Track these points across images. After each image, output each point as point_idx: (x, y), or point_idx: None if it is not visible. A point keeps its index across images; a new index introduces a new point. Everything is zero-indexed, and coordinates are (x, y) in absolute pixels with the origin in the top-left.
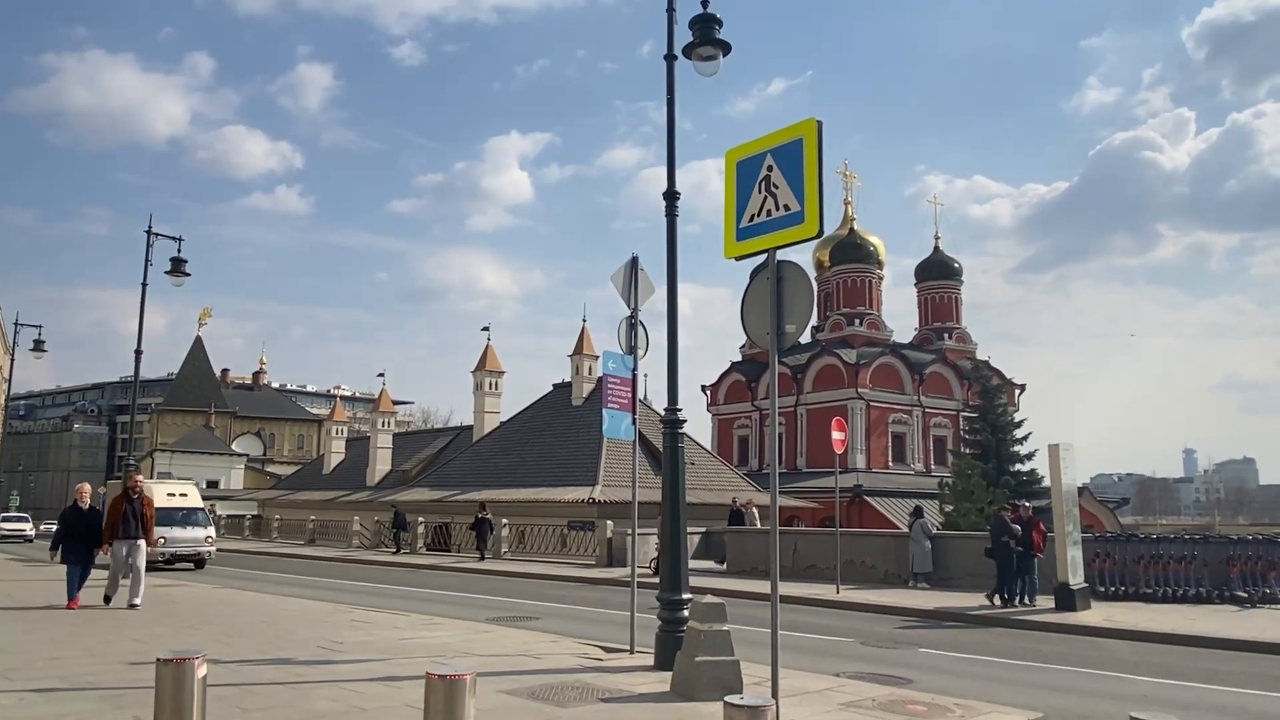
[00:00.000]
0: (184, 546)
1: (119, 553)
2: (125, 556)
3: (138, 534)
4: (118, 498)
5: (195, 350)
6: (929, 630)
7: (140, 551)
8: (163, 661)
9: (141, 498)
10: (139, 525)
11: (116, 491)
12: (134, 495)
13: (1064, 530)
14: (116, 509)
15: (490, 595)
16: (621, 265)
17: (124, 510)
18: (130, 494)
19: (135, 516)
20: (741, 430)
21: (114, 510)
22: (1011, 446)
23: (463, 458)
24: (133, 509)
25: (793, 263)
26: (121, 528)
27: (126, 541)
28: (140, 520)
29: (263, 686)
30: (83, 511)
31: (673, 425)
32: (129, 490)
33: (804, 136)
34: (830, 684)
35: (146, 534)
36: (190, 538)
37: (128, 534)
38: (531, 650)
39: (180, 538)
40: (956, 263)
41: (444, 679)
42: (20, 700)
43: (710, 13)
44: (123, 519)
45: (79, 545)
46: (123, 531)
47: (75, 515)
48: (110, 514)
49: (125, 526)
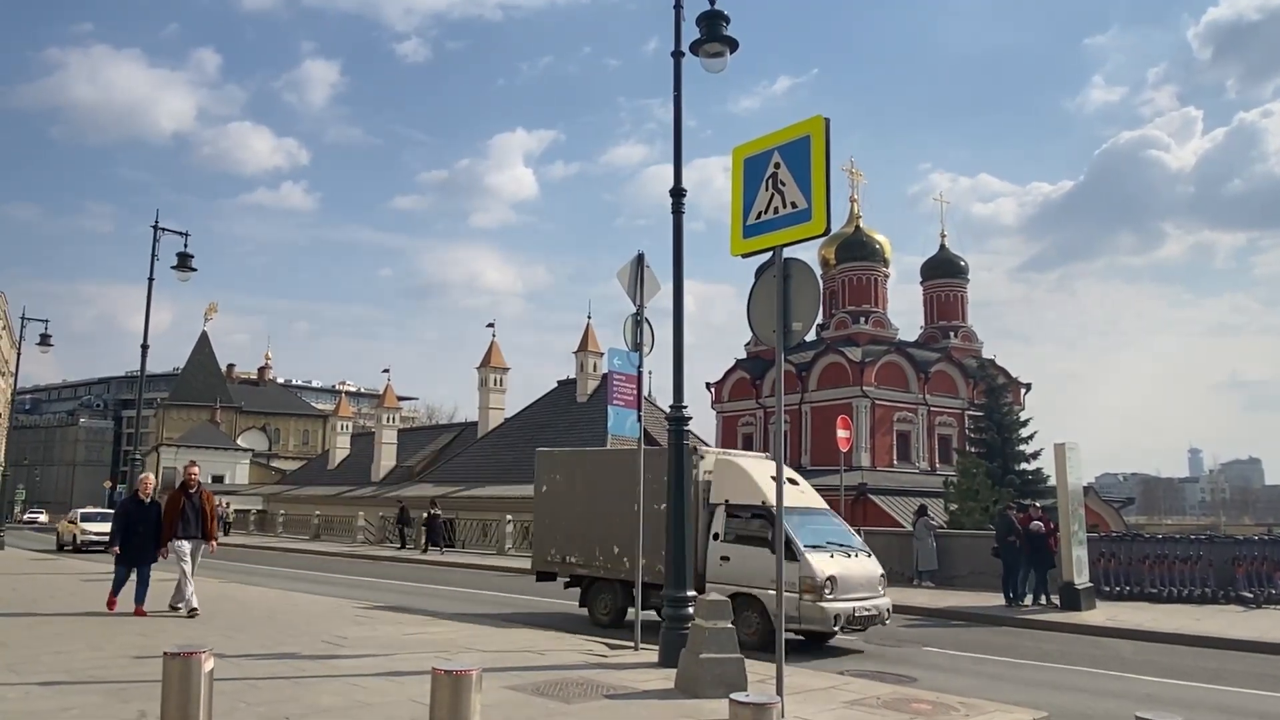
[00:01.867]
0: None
1: (180, 553)
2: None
3: (198, 532)
4: (175, 492)
5: (201, 345)
6: (933, 629)
7: (199, 551)
8: (169, 656)
9: (201, 492)
10: (200, 523)
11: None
12: (192, 489)
13: (1069, 530)
14: (175, 505)
15: (495, 591)
16: (628, 262)
17: (183, 506)
18: (188, 488)
19: (196, 514)
20: (746, 428)
21: (172, 506)
22: (1017, 445)
23: (467, 454)
24: (192, 504)
25: (799, 260)
26: (181, 526)
27: (189, 541)
28: (200, 517)
29: (266, 681)
30: (144, 505)
31: (678, 423)
32: (186, 483)
33: (811, 134)
34: (834, 682)
35: (208, 532)
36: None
37: (188, 533)
38: (535, 646)
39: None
40: (963, 261)
41: (450, 674)
42: (26, 694)
43: (718, 9)
44: (181, 516)
45: (137, 542)
46: (182, 530)
47: (136, 508)
48: (168, 510)
49: (185, 525)
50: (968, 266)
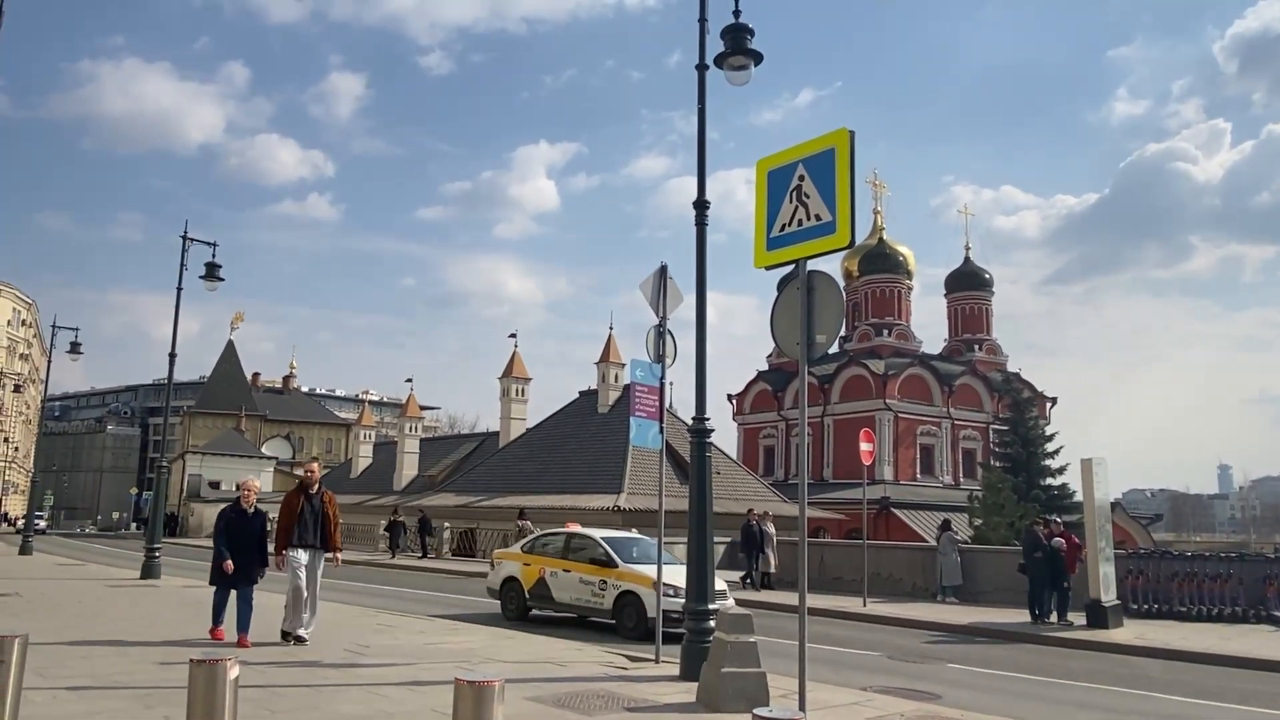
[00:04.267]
0: None
1: (296, 566)
2: (303, 572)
3: (319, 542)
4: (292, 494)
5: (227, 354)
6: (957, 645)
7: (321, 565)
8: (195, 662)
9: (323, 494)
10: (320, 531)
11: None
12: (313, 490)
13: (1096, 546)
14: (292, 509)
15: None
16: (651, 273)
17: (301, 510)
18: (308, 488)
19: (316, 519)
20: (767, 440)
21: (289, 510)
22: (1042, 460)
23: (488, 464)
24: (312, 508)
25: (823, 273)
26: (298, 533)
27: (307, 551)
28: (322, 524)
29: (289, 689)
30: (247, 516)
31: (700, 435)
32: (306, 483)
33: (836, 146)
34: (857, 698)
35: (331, 542)
36: None
37: (305, 541)
38: (556, 657)
39: None
40: (987, 273)
41: (472, 685)
42: (54, 698)
43: (743, 23)
44: (299, 522)
45: (244, 558)
46: (299, 538)
47: (239, 519)
48: (284, 515)
49: (303, 532)
50: (992, 279)
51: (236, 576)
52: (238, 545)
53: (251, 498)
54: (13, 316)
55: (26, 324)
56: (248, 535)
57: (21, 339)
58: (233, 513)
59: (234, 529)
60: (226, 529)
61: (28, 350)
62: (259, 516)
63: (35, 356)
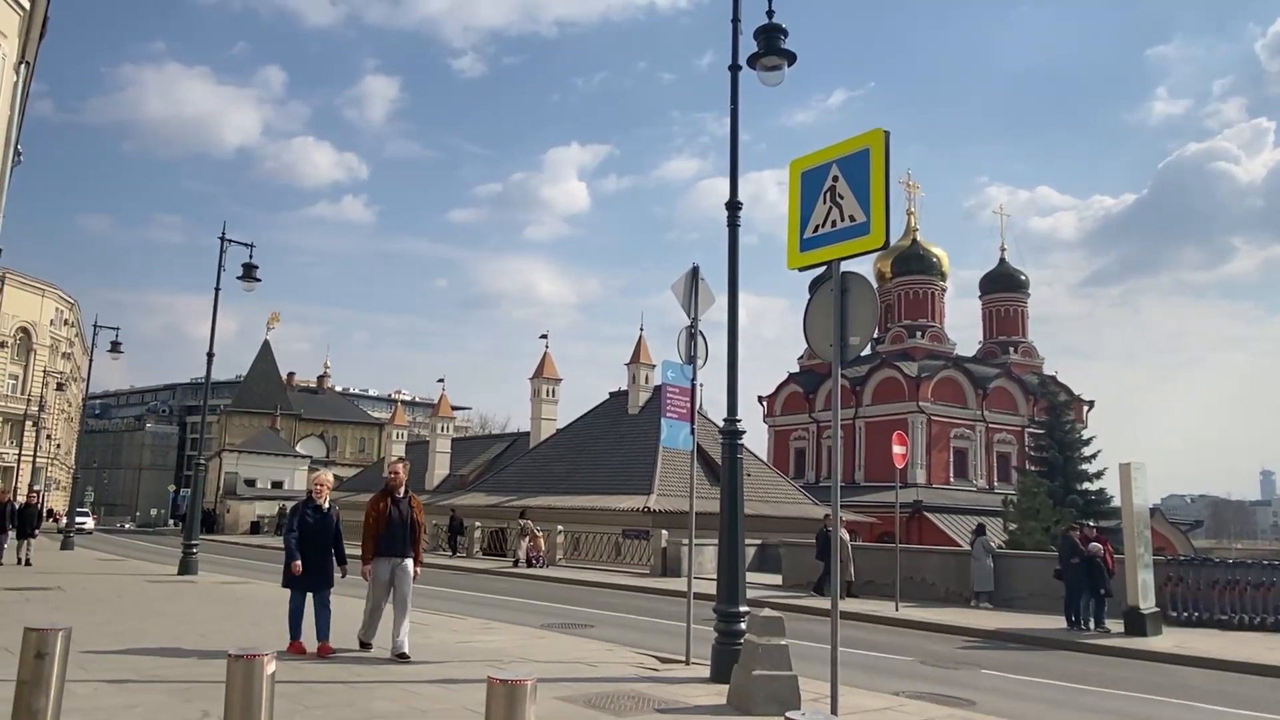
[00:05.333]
0: None
1: (381, 577)
2: (389, 583)
3: (406, 550)
4: (377, 497)
5: (263, 354)
6: (991, 651)
7: (408, 576)
8: (233, 658)
9: (410, 498)
10: (409, 537)
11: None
12: (399, 493)
13: (1135, 552)
14: (380, 514)
15: (545, 601)
16: (682, 274)
17: (388, 515)
18: (393, 491)
19: (405, 526)
20: (798, 442)
21: (376, 516)
22: (1079, 465)
23: (519, 464)
24: (400, 514)
25: (857, 274)
26: (385, 541)
27: (391, 561)
28: (410, 530)
29: (324, 685)
30: (322, 512)
31: (732, 436)
32: (391, 486)
33: (871, 146)
34: (890, 703)
35: (416, 550)
36: None
37: (394, 551)
38: (587, 658)
39: None
40: (1023, 275)
41: (505, 683)
42: (95, 690)
43: (776, 23)
44: (387, 529)
45: (318, 559)
46: (386, 546)
47: (315, 516)
48: (370, 520)
49: (390, 540)
50: (1028, 281)
51: (314, 579)
52: (313, 545)
53: (325, 492)
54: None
55: (69, 324)
56: (323, 534)
57: (64, 338)
58: (308, 509)
59: (308, 527)
60: (299, 527)
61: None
62: (334, 513)
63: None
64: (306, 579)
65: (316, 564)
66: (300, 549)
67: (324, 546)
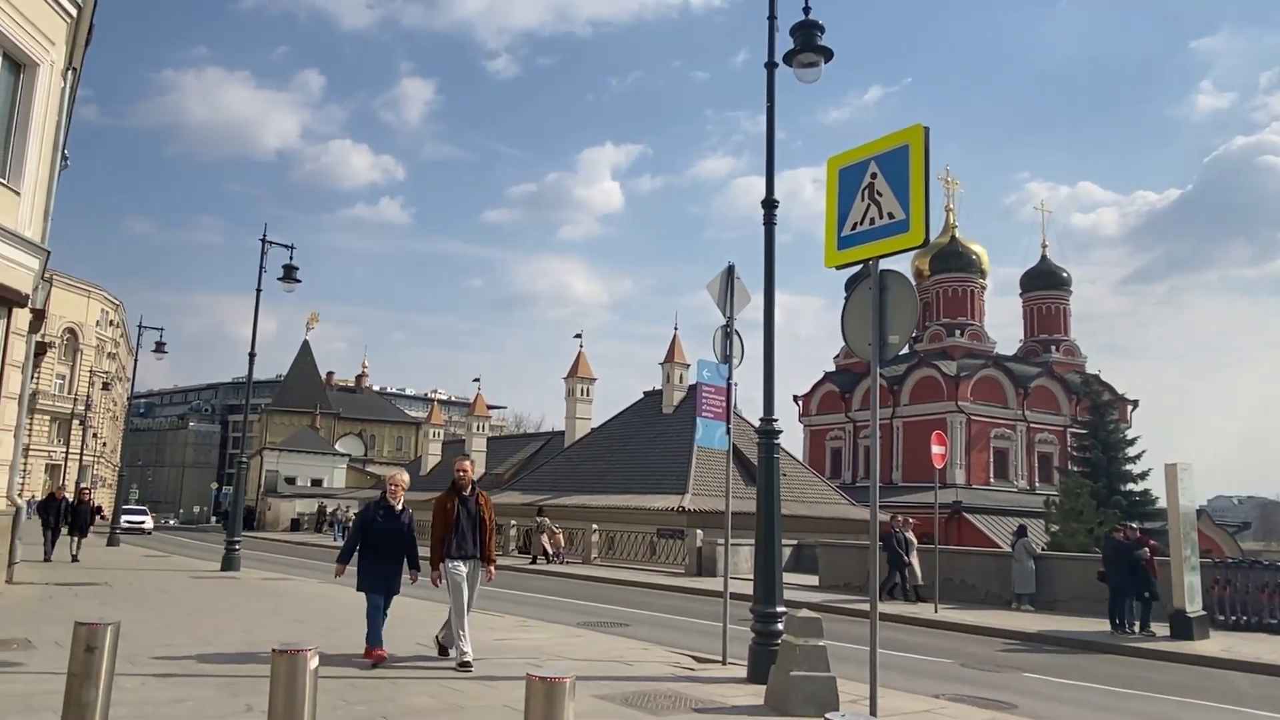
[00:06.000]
0: None
1: (455, 580)
2: (461, 586)
3: (477, 551)
4: (445, 497)
5: (303, 354)
6: (1032, 654)
7: (476, 579)
8: (278, 653)
9: (478, 496)
10: (479, 538)
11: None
12: (467, 492)
13: (1181, 555)
14: (448, 514)
15: (580, 600)
16: (718, 274)
17: (457, 516)
18: (460, 489)
19: (474, 525)
20: (834, 441)
21: (444, 514)
22: (1123, 465)
23: (554, 463)
24: (469, 514)
25: (897, 272)
26: (455, 543)
27: (465, 563)
28: (479, 530)
29: (364, 680)
30: (395, 514)
31: (769, 436)
32: (458, 484)
33: (910, 143)
34: (929, 705)
35: (487, 552)
36: None
37: (464, 552)
38: (623, 657)
39: None
40: (1065, 272)
41: (544, 681)
42: (143, 684)
43: (812, 19)
44: (456, 529)
45: (386, 563)
46: (456, 548)
47: (386, 517)
48: (439, 522)
49: (461, 541)
50: (1070, 278)
51: (385, 582)
52: (385, 547)
53: (400, 494)
54: (101, 317)
55: (114, 324)
56: (396, 537)
57: (109, 339)
58: (380, 510)
59: (379, 529)
60: (368, 528)
61: (115, 349)
62: (406, 515)
63: (122, 356)
64: (380, 582)
65: (390, 569)
66: (365, 551)
67: (397, 550)
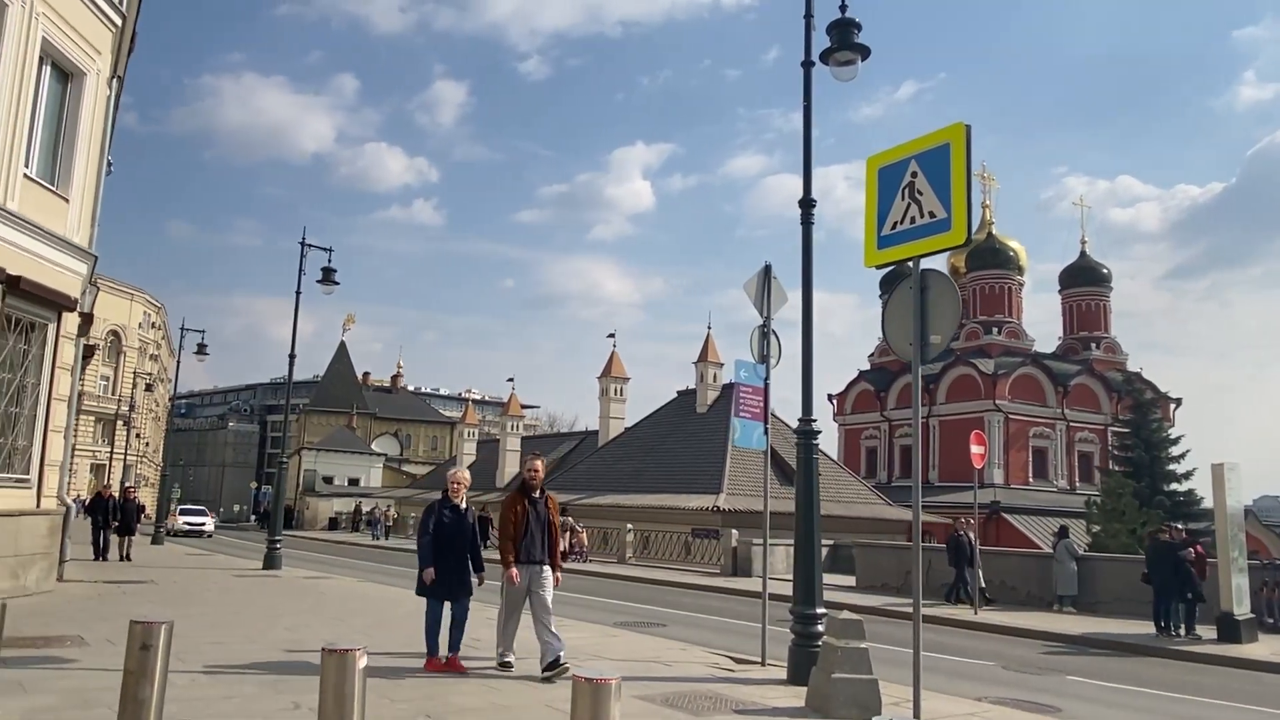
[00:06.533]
0: None
1: (520, 585)
2: (525, 593)
3: (545, 555)
4: (515, 497)
5: (339, 354)
6: (1075, 657)
7: (548, 584)
8: (327, 652)
9: (547, 499)
10: (547, 541)
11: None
12: (536, 494)
13: (1228, 556)
14: (518, 516)
15: (616, 599)
16: (754, 273)
17: (527, 518)
18: (530, 490)
19: (543, 528)
20: (869, 441)
21: (514, 516)
22: (1167, 465)
23: (588, 462)
24: (538, 516)
25: (938, 272)
26: (524, 546)
27: (529, 568)
28: (548, 533)
29: (408, 678)
30: (460, 512)
31: (807, 436)
32: (528, 485)
33: (951, 141)
34: (972, 708)
35: (555, 557)
36: None
37: (534, 556)
38: (662, 657)
39: None
40: (1105, 268)
41: (590, 682)
42: (193, 681)
43: (849, 17)
44: (526, 532)
45: (450, 568)
46: (525, 552)
47: (453, 517)
48: (507, 523)
49: (530, 545)
50: (1110, 274)
51: (453, 587)
52: (451, 548)
53: (463, 491)
54: (143, 320)
55: (156, 327)
56: (462, 536)
57: (151, 341)
58: (445, 509)
59: (444, 529)
60: (435, 529)
61: (157, 351)
62: (470, 513)
63: (164, 357)
64: (443, 587)
65: (453, 569)
66: (435, 553)
67: (461, 550)
